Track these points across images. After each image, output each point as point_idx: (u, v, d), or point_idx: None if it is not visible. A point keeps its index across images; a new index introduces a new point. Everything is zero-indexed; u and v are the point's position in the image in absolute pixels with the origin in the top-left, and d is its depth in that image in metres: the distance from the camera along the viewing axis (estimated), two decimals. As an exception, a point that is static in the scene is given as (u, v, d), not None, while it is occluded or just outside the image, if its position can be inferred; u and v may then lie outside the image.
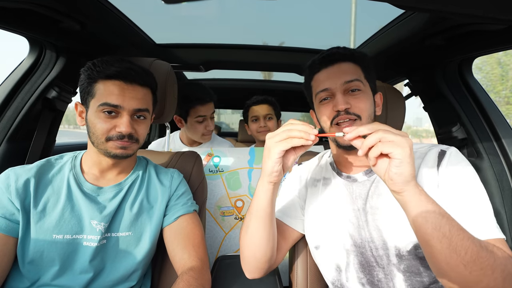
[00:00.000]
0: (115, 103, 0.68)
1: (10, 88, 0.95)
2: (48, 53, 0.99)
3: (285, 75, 1.99)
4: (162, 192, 0.80)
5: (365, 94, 0.69)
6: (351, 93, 0.68)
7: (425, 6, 0.52)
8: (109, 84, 0.69)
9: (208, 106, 1.34)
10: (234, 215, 1.28)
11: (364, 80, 0.70)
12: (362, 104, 0.67)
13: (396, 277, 0.61)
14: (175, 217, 0.78)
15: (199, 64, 1.50)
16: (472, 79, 1.09)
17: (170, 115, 1.00)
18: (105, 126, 0.69)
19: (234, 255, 0.95)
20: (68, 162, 0.75)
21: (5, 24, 0.77)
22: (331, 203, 0.72)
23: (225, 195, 1.28)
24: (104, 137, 0.69)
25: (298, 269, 0.81)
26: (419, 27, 0.86)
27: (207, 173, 1.28)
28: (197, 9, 2.85)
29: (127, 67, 0.71)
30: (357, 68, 0.70)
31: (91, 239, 0.69)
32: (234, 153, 1.34)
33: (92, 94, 0.70)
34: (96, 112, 0.69)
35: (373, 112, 0.70)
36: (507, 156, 0.95)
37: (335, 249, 0.69)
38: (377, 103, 0.74)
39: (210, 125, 1.36)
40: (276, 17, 20.02)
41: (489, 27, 0.73)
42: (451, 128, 1.07)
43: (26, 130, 0.98)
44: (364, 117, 0.67)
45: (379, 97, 0.75)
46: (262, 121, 1.50)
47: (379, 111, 0.74)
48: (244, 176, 1.31)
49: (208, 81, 2.24)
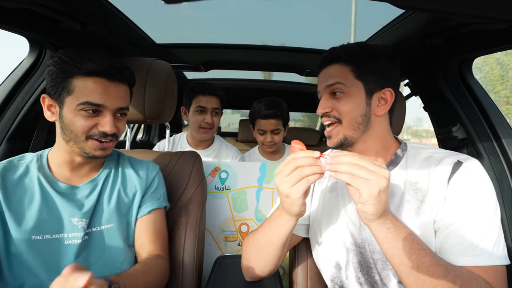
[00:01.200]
0: (98, 102, 0.65)
1: (10, 88, 0.95)
2: (48, 53, 0.99)
3: (285, 75, 1.99)
4: (139, 183, 0.80)
5: (349, 96, 0.66)
6: (334, 96, 0.68)
7: (425, 6, 0.52)
8: (90, 82, 0.65)
9: (209, 98, 1.34)
10: (237, 240, 1.19)
11: (353, 80, 0.66)
12: (343, 107, 0.66)
13: (391, 282, 0.61)
14: (148, 210, 0.79)
15: (199, 64, 1.50)
16: (472, 79, 1.09)
17: (170, 115, 1.00)
18: (85, 124, 0.65)
19: (234, 255, 0.95)
20: (34, 161, 0.71)
21: (5, 24, 0.77)
22: (335, 201, 0.72)
23: (230, 218, 1.20)
24: (84, 135, 0.66)
25: (298, 269, 0.81)
26: (419, 27, 0.86)
27: (213, 190, 1.21)
28: (197, 9, 2.86)
29: (109, 64, 0.67)
30: (344, 70, 0.67)
31: (73, 236, 0.68)
32: (243, 168, 1.24)
33: (68, 91, 0.65)
34: (75, 110, 0.65)
35: (362, 114, 0.66)
36: (507, 156, 0.95)
37: (336, 246, 0.69)
38: (375, 103, 0.67)
39: (208, 118, 1.33)
40: (276, 17, 20.02)
41: (489, 27, 0.73)
42: (451, 128, 1.07)
43: (26, 130, 0.98)
44: (345, 120, 0.66)
45: (387, 95, 0.67)
46: (268, 136, 1.41)
47: (381, 111, 0.67)
48: (252, 196, 1.21)
49: (208, 81, 2.25)
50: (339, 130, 0.67)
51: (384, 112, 0.68)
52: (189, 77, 2.19)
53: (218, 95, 1.37)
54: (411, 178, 0.64)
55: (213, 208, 1.18)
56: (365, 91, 0.66)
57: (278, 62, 1.53)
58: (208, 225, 1.16)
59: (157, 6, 1.31)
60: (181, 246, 0.86)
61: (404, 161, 0.67)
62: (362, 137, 0.67)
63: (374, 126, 0.67)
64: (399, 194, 0.64)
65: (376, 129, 0.68)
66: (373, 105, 0.67)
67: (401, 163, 0.67)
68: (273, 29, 14.27)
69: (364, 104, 0.66)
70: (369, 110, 0.66)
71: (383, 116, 0.69)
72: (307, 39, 6.30)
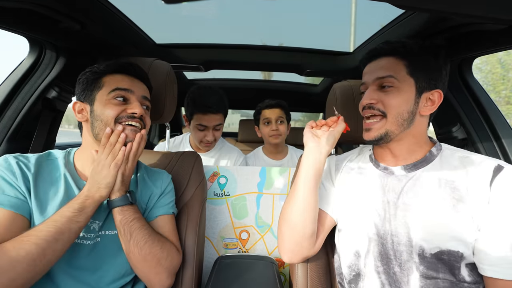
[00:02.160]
0: (126, 87, 0.73)
1: (10, 88, 0.95)
2: (48, 53, 0.99)
3: (285, 75, 1.99)
4: (154, 192, 0.82)
5: (399, 91, 0.66)
6: (383, 89, 0.68)
7: (425, 6, 0.52)
8: (117, 76, 0.74)
9: (212, 117, 1.23)
10: (238, 248, 1.16)
11: (406, 76, 0.66)
12: (391, 101, 0.66)
13: (413, 274, 0.62)
14: (155, 216, 0.80)
15: (199, 64, 1.50)
16: (472, 79, 1.09)
17: (170, 115, 1.00)
18: (115, 109, 0.71)
19: (234, 255, 0.95)
20: (61, 157, 0.75)
21: (5, 24, 0.77)
22: (361, 191, 0.73)
23: (230, 225, 1.17)
24: (113, 120, 0.71)
25: (298, 269, 0.81)
26: (419, 27, 0.86)
27: (212, 197, 1.18)
28: (197, 9, 2.86)
29: (131, 64, 0.77)
30: (397, 63, 0.67)
31: (86, 237, 0.69)
32: (242, 173, 1.21)
33: (99, 87, 0.72)
34: (106, 100, 0.71)
35: (409, 111, 0.66)
36: (507, 156, 0.95)
37: (358, 235, 0.70)
38: (423, 102, 0.66)
39: (209, 136, 1.26)
40: (276, 17, 20.03)
41: (489, 27, 0.73)
42: (451, 128, 1.07)
43: (26, 130, 0.98)
44: (390, 115, 0.66)
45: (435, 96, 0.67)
46: (274, 125, 1.50)
47: (427, 111, 0.67)
48: (252, 203, 1.18)
49: (208, 81, 2.24)
50: (383, 124, 0.67)
51: (430, 112, 0.68)
52: (189, 77, 2.19)
53: (220, 112, 1.26)
54: (447, 177, 0.63)
55: (212, 215, 1.16)
56: (416, 88, 0.66)
57: (278, 62, 1.53)
58: (207, 233, 1.15)
59: (157, 6, 1.32)
60: (181, 246, 0.86)
61: (439, 160, 0.67)
62: (401, 134, 0.67)
63: (415, 124, 0.68)
64: (433, 191, 0.63)
65: (416, 128, 0.68)
66: (421, 104, 0.67)
67: (435, 161, 0.67)
68: (273, 29, 14.28)
69: (413, 102, 0.66)
70: (416, 108, 0.66)
71: (426, 116, 0.69)
72: (307, 39, 6.28)
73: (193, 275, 0.84)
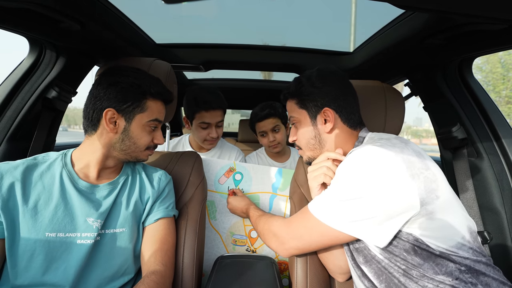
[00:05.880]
0: (161, 119, 0.82)
1: (10, 88, 0.95)
2: (48, 53, 0.99)
3: (285, 75, 1.99)
4: (151, 192, 0.83)
5: (300, 124, 0.82)
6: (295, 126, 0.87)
7: (425, 6, 0.52)
8: (158, 103, 0.80)
9: (214, 113, 1.27)
10: (246, 246, 1.14)
11: (299, 110, 0.82)
12: (299, 135, 0.84)
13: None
14: (155, 219, 0.81)
15: (199, 64, 1.50)
16: (472, 79, 1.09)
17: (170, 115, 1.00)
18: (149, 138, 0.79)
19: (234, 255, 0.95)
20: (58, 159, 0.75)
21: (5, 24, 0.77)
22: None
23: (240, 222, 1.16)
24: (145, 147, 0.79)
25: (298, 269, 0.81)
26: (419, 27, 0.86)
27: (226, 191, 1.18)
28: (197, 9, 2.86)
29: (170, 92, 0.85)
30: (291, 104, 0.85)
31: (86, 236, 0.69)
32: (259, 172, 1.20)
33: (142, 109, 0.76)
34: (143, 125, 0.77)
35: (313, 136, 0.79)
36: (507, 156, 0.95)
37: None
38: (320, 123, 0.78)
39: (213, 133, 1.29)
40: (276, 17, 20.01)
41: (489, 27, 0.73)
42: (451, 128, 1.07)
43: (26, 130, 0.98)
44: (302, 145, 0.84)
45: (328, 114, 0.76)
46: (270, 136, 1.45)
47: (327, 128, 0.76)
48: (265, 202, 1.17)
49: (208, 81, 2.24)
50: (303, 153, 0.85)
51: (331, 128, 0.76)
52: (189, 77, 2.19)
53: (221, 108, 1.30)
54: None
55: (224, 209, 1.16)
56: (309, 116, 0.79)
57: (278, 62, 1.52)
58: (217, 226, 1.15)
59: (157, 6, 1.31)
60: (181, 246, 0.86)
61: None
62: (322, 151, 0.79)
63: (329, 141, 0.77)
64: None
65: (332, 142, 0.77)
66: (319, 126, 0.78)
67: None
68: (273, 29, 14.26)
69: (312, 128, 0.79)
70: (317, 131, 0.78)
71: (334, 130, 0.77)
72: (307, 39, 6.29)
73: (193, 275, 0.84)
